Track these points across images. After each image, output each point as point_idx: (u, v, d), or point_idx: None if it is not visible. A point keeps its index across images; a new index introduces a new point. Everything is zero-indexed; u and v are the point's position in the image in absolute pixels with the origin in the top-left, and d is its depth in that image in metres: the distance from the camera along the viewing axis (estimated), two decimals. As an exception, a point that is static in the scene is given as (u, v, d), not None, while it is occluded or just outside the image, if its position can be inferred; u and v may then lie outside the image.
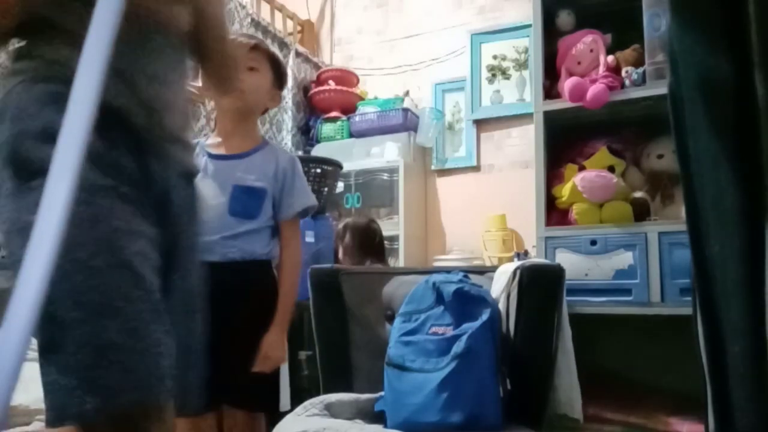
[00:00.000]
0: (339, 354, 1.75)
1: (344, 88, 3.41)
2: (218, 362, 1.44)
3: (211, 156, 1.55)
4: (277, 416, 1.50)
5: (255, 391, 1.48)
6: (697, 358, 0.56)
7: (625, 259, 1.99)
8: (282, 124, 3.35)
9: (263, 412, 1.53)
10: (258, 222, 1.53)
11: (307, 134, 3.44)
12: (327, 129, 3.34)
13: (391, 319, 1.70)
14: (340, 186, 3.01)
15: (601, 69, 2.13)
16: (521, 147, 3.19)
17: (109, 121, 0.76)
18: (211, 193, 1.50)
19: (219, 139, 1.59)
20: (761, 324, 0.47)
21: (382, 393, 1.49)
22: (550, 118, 2.22)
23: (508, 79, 3.32)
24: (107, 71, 0.55)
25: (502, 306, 1.57)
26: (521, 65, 3.29)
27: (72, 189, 0.42)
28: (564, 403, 1.62)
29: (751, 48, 0.46)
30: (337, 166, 2.50)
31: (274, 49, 3.67)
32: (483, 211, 3.01)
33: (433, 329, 1.48)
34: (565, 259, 2.05)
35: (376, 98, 3.40)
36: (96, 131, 0.51)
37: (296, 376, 2.20)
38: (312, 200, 1.63)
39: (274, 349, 1.46)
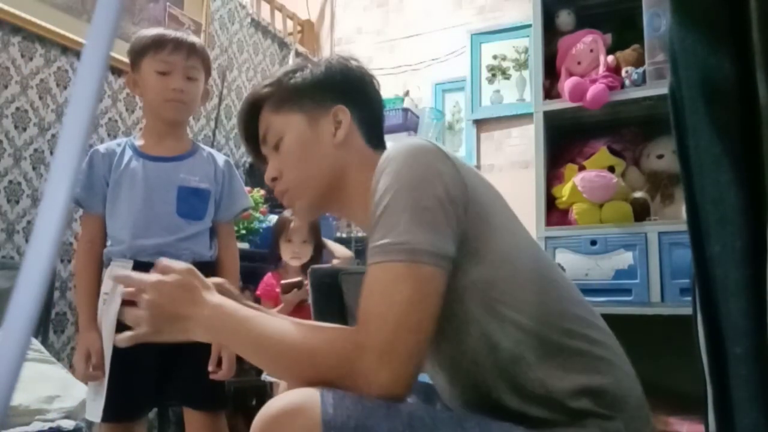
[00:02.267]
0: (339, 354, 1.75)
1: (344, 88, 3.41)
2: (176, 364, 1.46)
3: (148, 157, 1.53)
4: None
5: (211, 391, 1.49)
6: (697, 358, 0.56)
7: (625, 259, 1.99)
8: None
9: (221, 411, 1.54)
10: (204, 223, 1.54)
11: (307, 134, 3.44)
12: (327, 129, 3.34)
13: (391, 319, 1.70)
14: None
15: (601, 69, 2.13)
16: (521, 147, 3.19)
17: None
18: (151, 193, 1.49)
19: (151, 141, 1.55)
20: (762, 325, 0.47)
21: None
22: (550, 118, 2.22)
23: (508, 79, 3.32)
24: None
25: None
26: (521, 65, 3.29)
27: (72, 189, 0.42)
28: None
29: (753, 48, 0.46)
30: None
31: (274, 48, 3.69)
32: (483, 211, 3.00)
33: (433, 329, 1.48)
34: (565, 259, 2.05)
35: (376, 98, 3.40)
36: None
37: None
38: (249, 201, 1.66)
39: (227, 348, 1.46)
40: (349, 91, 0.99)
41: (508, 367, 0.79)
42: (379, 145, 1.01)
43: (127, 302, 1.44)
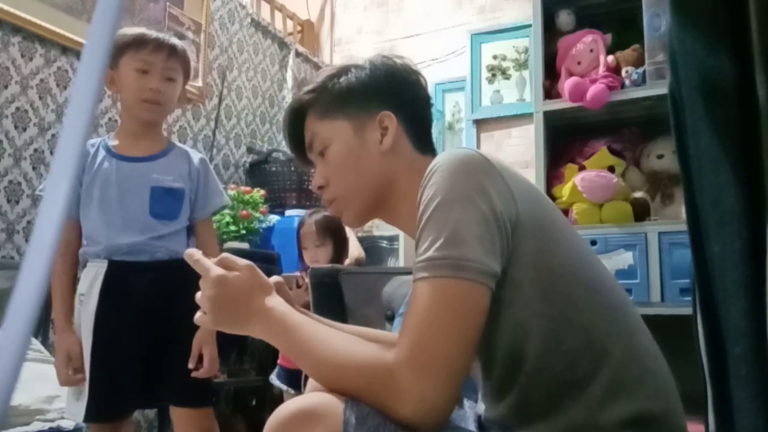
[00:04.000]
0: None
1: (344, 88, 3.41)
2: (158, 362, 1.46)
3: (121, 157, 1.52)
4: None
5: (196, 387, 1.49)
6: (697, 358, 0.56)
7: (625, 259, 1.99)
8: (282, 125, 3.35)
9: (207, 407, 1.54)
10: (179, 222, 1.54)
11: (307, 134, 3.44)
12: (327, 129, 3.34)
13: (391, 319, 1.70)
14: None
15: (601, 69, 2.13)
16: (521, 147, 3.19)
17: None
18: (125, 194, 1.49)
19: (125, 141, 1.55)
20: (762, 325, 0.47)
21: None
22: (550, 118, 2.22)
23: (508, 79, 3.32)
24: None
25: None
26: (521, 65, 3.30)
27: (72, 189, 0.42)
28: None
29: (752, 48, 0.46)
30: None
31: (274, 48, 3.69)
32: (483, 211, 3.00)
33: (433, 329, 1.48)
34: (565, 259, 2.05)
35: (376, 98, 3.40)
36: None
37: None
38: (226, 199, 1.66)
39: (207, 345, 1.47)
40: (395, 93, 0.97)
41: (559, 390, 0.77)
42: (427, 149, 0.99)
43: (104, 301, 1.45)
